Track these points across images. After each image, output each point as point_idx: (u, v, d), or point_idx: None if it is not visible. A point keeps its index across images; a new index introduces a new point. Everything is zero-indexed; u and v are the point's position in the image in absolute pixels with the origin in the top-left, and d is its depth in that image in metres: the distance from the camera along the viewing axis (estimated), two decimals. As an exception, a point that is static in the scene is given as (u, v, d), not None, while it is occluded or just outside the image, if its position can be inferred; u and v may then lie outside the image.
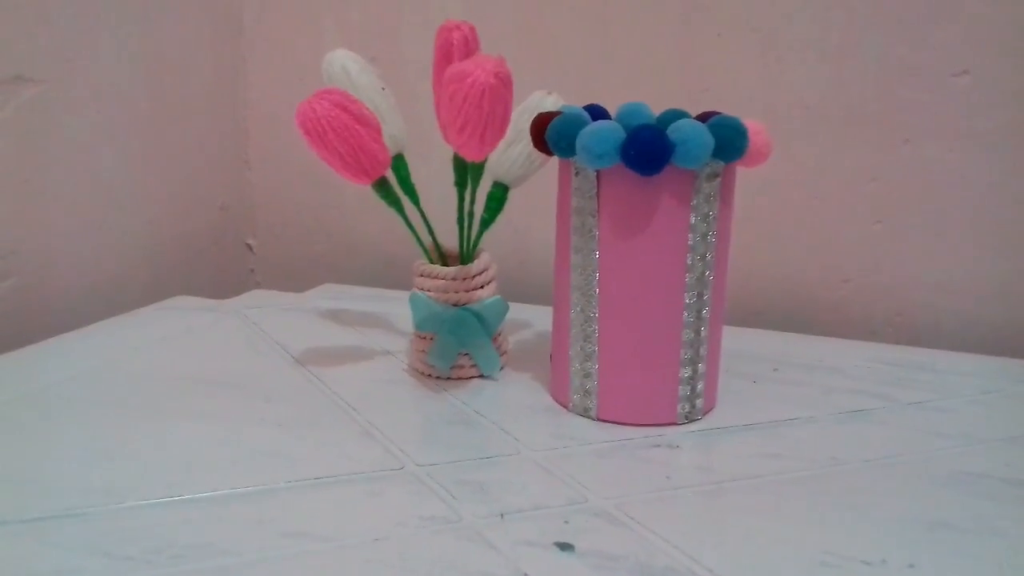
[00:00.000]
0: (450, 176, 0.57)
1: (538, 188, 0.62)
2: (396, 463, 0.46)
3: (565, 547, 0.39)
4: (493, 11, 0.79)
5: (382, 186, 0.54)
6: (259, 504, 0.42)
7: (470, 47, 0.52)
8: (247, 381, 0.57)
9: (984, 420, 0.54)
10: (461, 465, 0.46)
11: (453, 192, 0.57)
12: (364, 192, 0.55)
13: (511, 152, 0.57)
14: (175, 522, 0.40)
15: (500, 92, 0.46)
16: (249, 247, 0.93)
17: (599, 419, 0.52)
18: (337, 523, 0.41)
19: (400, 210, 0.56)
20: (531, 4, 0.77)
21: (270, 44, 0.87)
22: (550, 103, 0.57)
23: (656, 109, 0.54)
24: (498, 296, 0.58)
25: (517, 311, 0.68)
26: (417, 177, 0.59)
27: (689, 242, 0.50)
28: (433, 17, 0.80)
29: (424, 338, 0.58)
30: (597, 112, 0.52)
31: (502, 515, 0.41)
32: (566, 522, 0.41)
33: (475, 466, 0.46)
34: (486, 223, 0.58)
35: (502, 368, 0.59)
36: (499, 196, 0.58)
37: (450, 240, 0.59)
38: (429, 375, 0.58)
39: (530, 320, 0.69)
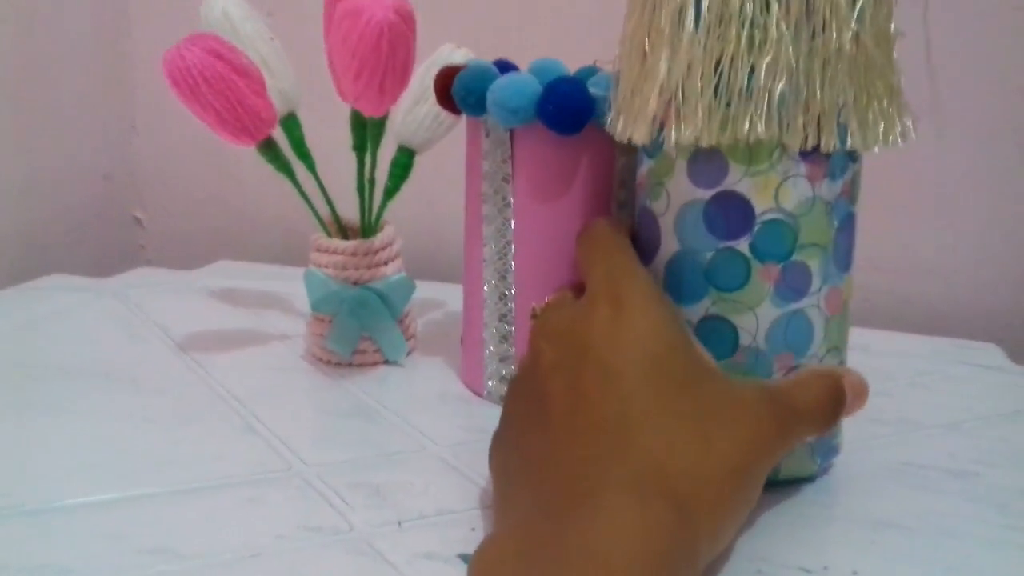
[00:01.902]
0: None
1: (451, 153, 0.56)
2: (282, 464, 0.41)
3: (469, 559, 0.34)
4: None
5: (269, 148, 0.48)
6: (114, 515, 0.36)
7: (366, -12, 0.46)
8: (117, 370, 0.51)
9: (923, 405, 0.50)
10: (357, 465, 0.41)
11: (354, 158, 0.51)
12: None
13: (417, 112, 0.51)
14: (7, 539, 0.34)
15: (401, 31, 0.41)
16: (138, 220, 0.85)
17: (516, 408, 0.47)
18: (207, 536, 0.35)
19: (291, 176, 0.50)
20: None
21: (157, 1, 0.80)
22: (459, 57, 0.51)
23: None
24: (404, 274, 0.53)
25: (429, 290, 0.62)
26: (316, 140, 0.53)
27: (612, 209, 0.45)
28: (338, -31, 0.74)
29: (322, 321, 0.52)
30: (507, 68, 0.46)
31: (400, 523, 0.36)
32: (473, 529, 0.36)
33: (373, 465, 0.41)
34: (390, 192, 0.53)
35: (409, 353, 0.54)
36: (404, 162, 0.52)
37: (352, 212, 0.53)
38: (328, 362, 0.52)
39: (443, 299, 0.64)
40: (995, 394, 0.52)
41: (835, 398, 0.36)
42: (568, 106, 0.42)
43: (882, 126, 0.36)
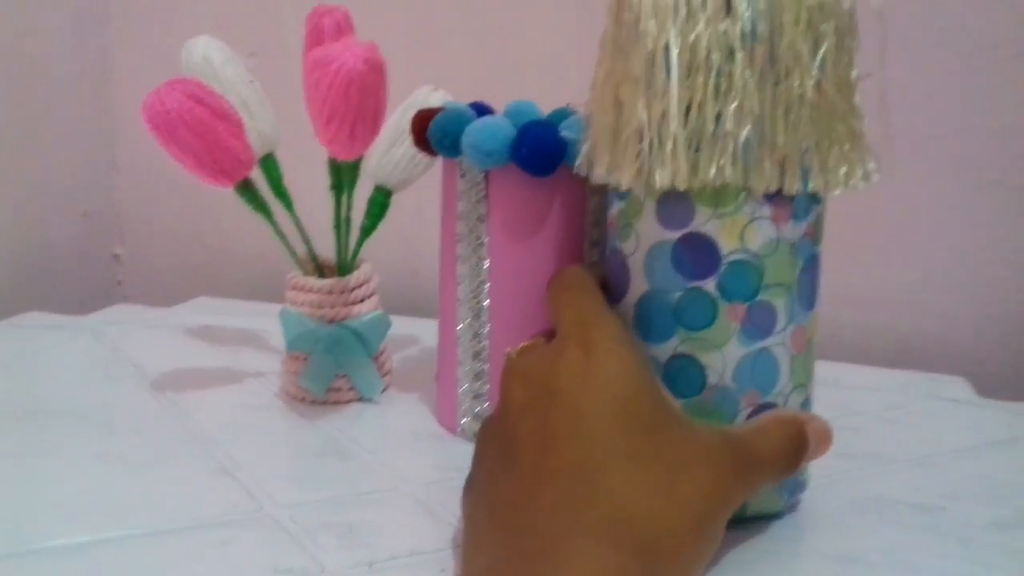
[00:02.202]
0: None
1: (429, 190, 0.57)
2: (254, 505, 0.41)
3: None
4: (382, 2, 0.74)
5: (246, 189, 0.48)
6: (86, 558, 0.36)
7: (344, 34, 0.47)
8: (92, 410, 0.51)
9: (891, 439, 0.51)
10: (329, 505, 0.41)
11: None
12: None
13: (393, 154, 0.52)
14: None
15: (371, 80, 0.42)
16: (116, 257, 0.85)
17: (490, 446, 0.48)
18: (178, 579, 0.35)
19: (268, 216, 0.50)
20: (422, -2, 0.73)
21: (139, 36, 0.81)
22: (437, 99, 0.52)
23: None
24: (379, 311, 0.53)
25: (406, 325, 0.62)
26: (295, 179, 0.53)
27: (584, 248, 0.46)
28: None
29: (297, 359, 0.52)
30: (483, 110, 0.47)
31: (371, 564, 0.36)
32: (443, 570, 0.36)
33: (345, 505, 0.41)
34: (367, 231, 0.53)
35: (384, 390, 0.54)
36: (381, 202, 0.53)
37: (330, 250, 0.54)
38: (302, 399, 0.53)
39: (419, 335, 0.64)
40: (962, 428, 0.53)
41: (796, 445, 0.37)
42: (541, 149, 0.43)
43: (844, 169, 0.37)
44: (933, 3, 0.62)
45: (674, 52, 0.35)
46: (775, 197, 0.37)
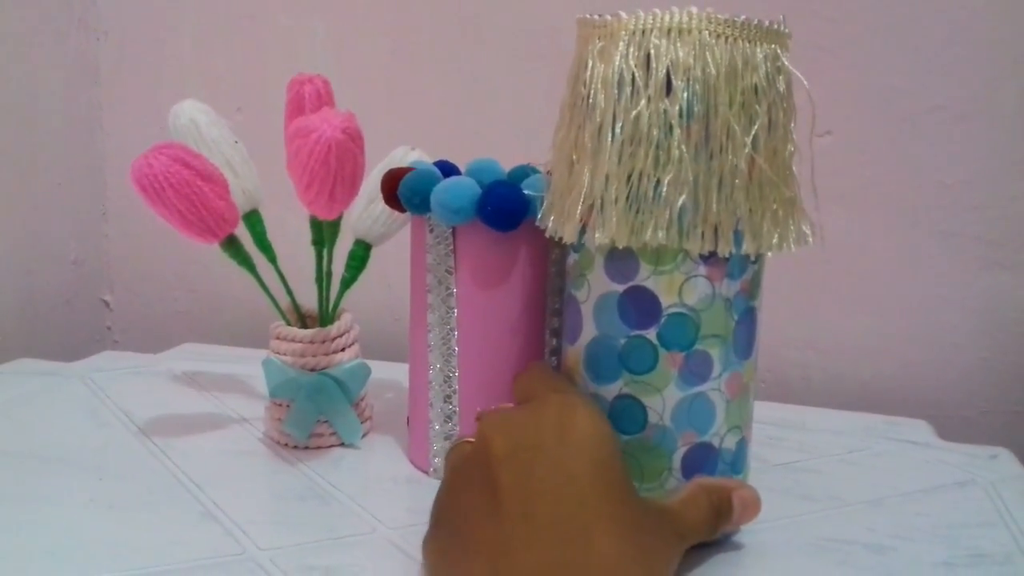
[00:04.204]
0: (313, 232, 0.54)
1: (410, 240, 0.60)
2: (236, 548, 0.42)
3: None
4: (362, 62, 0.77)
5: (231, 245, 0.51)
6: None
7: (323, 102, 0.50)
8: (81, 456, 0.52)
9: (850, 481, 0.53)
10: (309, 548, 0.43)
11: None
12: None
13: (372, 210, 0.54)
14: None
15: (348, 148, 0.44)
16: (105, 303, 0.87)
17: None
18: (162, 622, 0.37)
19: (252, 270, 0.53)
20: (402, 57, 0.76)
21: (129, 91, 0.83)
22: (413, 158, 0.55)
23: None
24: (360, 360, 0.55)
25: (389, 370, 0.64)
26: (280, 232, 0.56)
27: (547, 296, 0.48)
28: (301, 66, 0.77)
29: (280, 405, 0.54)
30: (448, 169, 0.50)
31: (347, 606, 0.38)
32: (416, 611, 0.38)
33: (324, 549, 0.43)
34: (347, 283, 0.56)
35: (365, 435, 0.56)
36: (361, 255, 0.55)
37: (312, 300, 0.56)
38: (286, 444, 0.54)
39: (400, 380, 0.66)
40: (919, 470, 0.56)
41: (720, 513, 0.41)
42: (504, 207, 0.45)
43: (776, 235, 0.40)
44: (885, 67, 0.66)
45: (618, 127, 0.38)
46: (710, 258, 0.40)
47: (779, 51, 0.40)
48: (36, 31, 0.77)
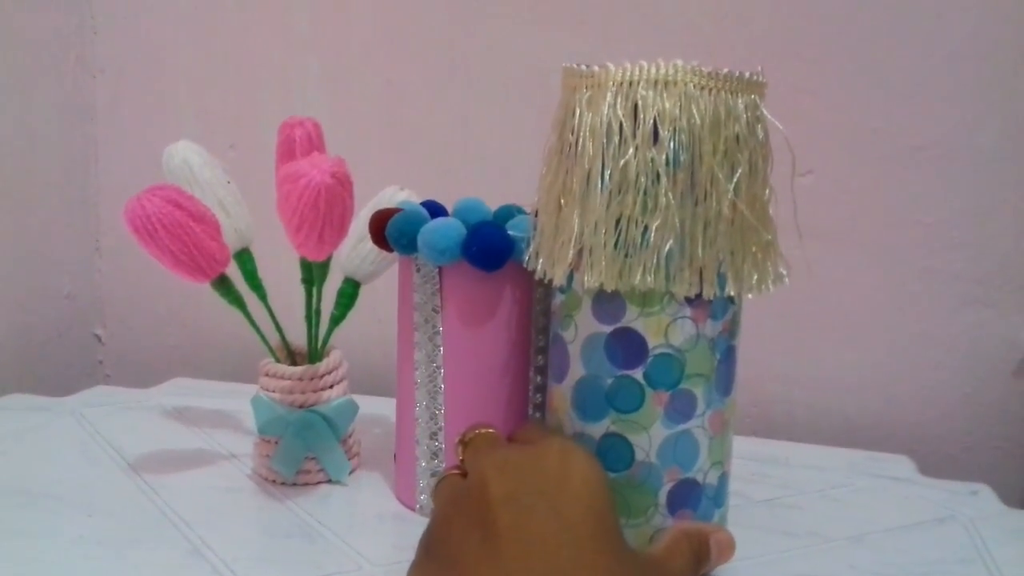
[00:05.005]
0: (302, 270, 0.55)
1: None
2: (222, 586, 0.43)
3: None
4: (355, 101, 0.78)
5: (222, 284, 0.52)
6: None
7: (313, 144, 0.51)
8: (71, 492, 0.53)
9: (832, 517, 0.54)
10: (294, 585, 0.43)
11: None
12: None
13: (361, 248, 0.55)
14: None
15: (337, 193, 0.45)
16: (98, 338, 0.88)
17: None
18: (147, 660, 0.37)
19: (242, 308, 0.53)
20: (393, 97, 0.77)
21: (124, 128, 0.84)
22: (402, 198, 0.56)
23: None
24: (348, 397, 0.56)
25: (379, 405, 0.65)
26: (271, 269, 0.56)
27: (531, 336, 0.49)
28: (294, 104, 0.79)
29: (268, 442, 0.55)
30: (435, 209, 0.51)
31: (331, 644, 0.39)
32: (399, 649, 0.38)
33: (309, 586, 0.43)
34: (336, 320, 0.57)
35: (352, 471, 0.57)
36: (350, 292, 0.56)
37: (302, 337, 0.56)
38: (273, 481, 0.55)
39: (390, 415, 0.67)
40: (901, 506, 0.56)
41: (700, 558, 0.42)
42: (490, 248, 0.46)
43: (756, 276, 0.42)
44: (868, 108, 0.67)
45: (606, 174, 0.39)
46: (695, 300, 0.41)
47: (757, 100, 0.42)
48: (33, 68, 0.78)
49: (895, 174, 0.68)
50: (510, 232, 0.47)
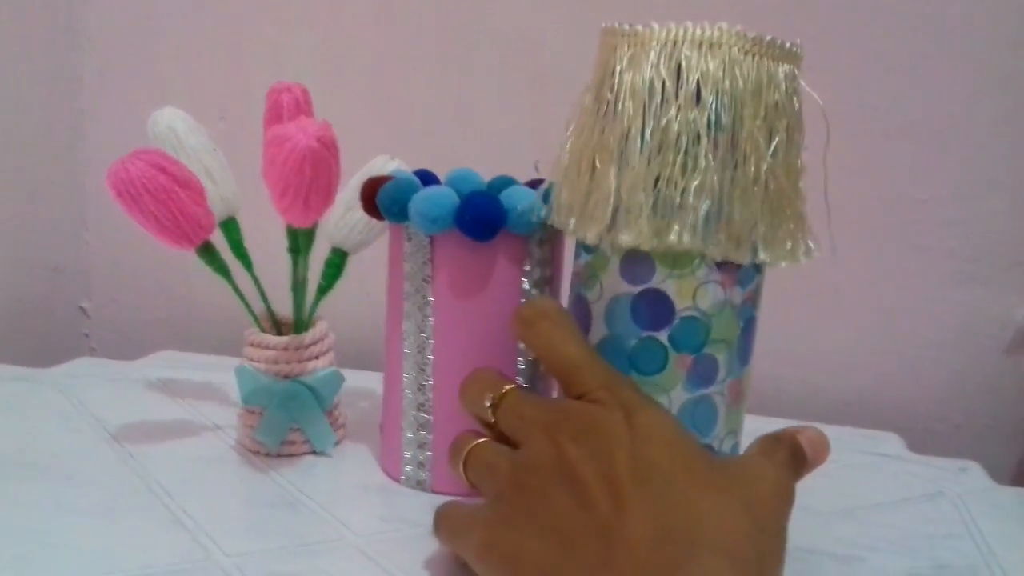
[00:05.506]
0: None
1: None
2: (202, 554, 0.42)
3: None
4: (346, 72, 0.77)
5: (207, 251, 0.51)
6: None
7: (301, 110, 0.50)
8: (51, 462, 0.52)
9: (822, 492, 0.53)
10: (275, 555, 0.43)
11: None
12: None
13: (350, 218, 0.55)
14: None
15: (323, 157, 0.44)
16: (83, 311, 0.87)
17: (434, 491, 0.50)
18: (125, 626, 0.37)
19: (227, 276, 0.53)
20: (385, 68, 0.76)
21: (112, 99, 0.83)
22: (392, 167, 0.55)
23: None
24: (334, 368, 0.55)
25: (367, 379, 0.65)
26: (260, 240, 0.56)
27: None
28: (285, 76, 0.78)
29: (253, 412, 0.54)
30: (428, 177, 0.51)
31: (311, 611, 0.38)
32: (380, 617, 0.38)
33: (291, 555, 0.43)
34: (323, 290, 0.56)
35: (337, 443, 0.56)
36: (337, 263, 0.56)
37: (290, 308, 0.56)
38: (258, 452, 0.54)
39: (377, 389, 0.66)
40: (889, 482, 0.56)
41: (797, 459, 0.41)
42: (483, 217, 0.46)
43: (789, 245, 0.41)
44: (861, 85, 0.67)
45: (647, 132, 0.39)
46: (725, 265, 0.41)
47: (796, 72, 0.41)
48: (20, 37, 0.77)
49: (889, 150, 0.67)
50: (503, 201, 0.46)
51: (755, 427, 0.63)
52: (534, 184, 0.50)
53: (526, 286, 0.49)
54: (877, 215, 0.68)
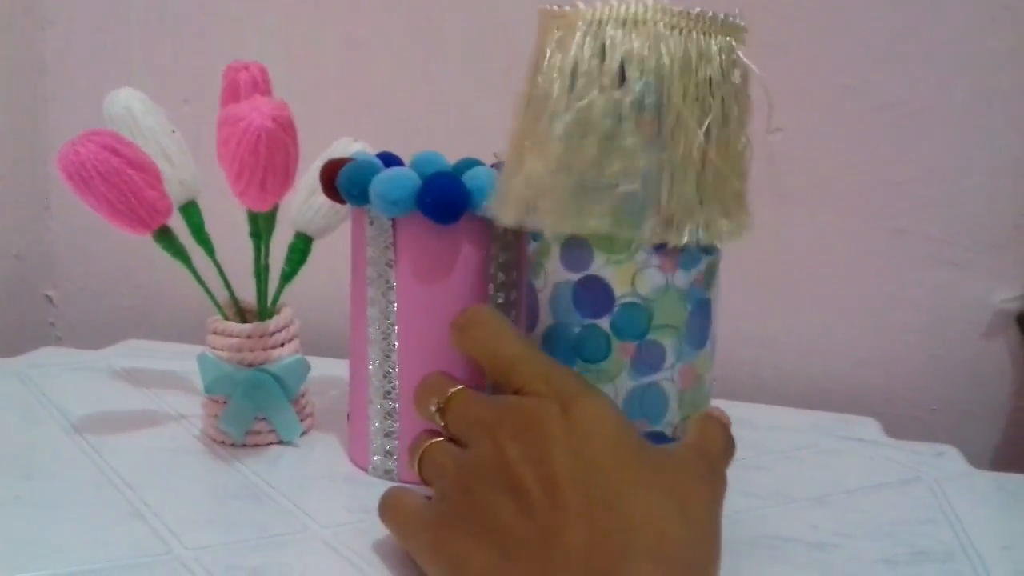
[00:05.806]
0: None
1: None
2: (162, 547, 0.41)
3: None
4: (313, 54, 0.76)
5: (164, 236, 0.49)
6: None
7: (259, 89, 0.48)
8: (9, 453, 0.51)
9: (796, 478, 0.53)
10: (237, 547, 0.42)
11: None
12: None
13: (313, 202, 0.53)
14: None
15: (279, 137, 0.43)
16: (49, 299, 0.85)
17: (402, 480, 0.49)
18: (78, 623, 0.35)
19: (187, 262, 0.51)
20: (352, 51, 0.75)
21: (74, 83, 0.81)
22: (356, 149, 0.54)
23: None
24: (300, 355, 0.54)
25: (335, 367, 0.63)
26: (223, 225, 0.54)
27: (489, 292, 0.47)
28: (250, 58, 0.76)
29: (217, 402, 0.53)
30: (391, 160, 0.49)
31: (271, 606, 0.37)
32: (343, 611, 0.37)
33: (253, 548, 0.42)
34: (287, 276, 0.54)
35: (304, 433, 0.55)
36: (301, 248, 0.54)
37: (254, 295, 0.54)
38: (222, 442, 0.53)
39: (346, 377, 0.65)
40: (865, 467, 0.55)
41: (728, 439, 0.40)
42: (445, 199, 0.44)
43: (724, 225, 0.40)
44: (838, 64, 0.66)
45: (568, 114, 0.37)
46: (664, 248, 0.40)
47: (734, 43, 0.40)
48: (-23, 19, 0.75)
49: (865, 132, 0.66)
50: (466, 183, 0.45)
51: (732, 414, 0.63)
52: (500, 166, 0.49)
53: (492, 270, 0.47)
54: (852, 197, 0.67)
